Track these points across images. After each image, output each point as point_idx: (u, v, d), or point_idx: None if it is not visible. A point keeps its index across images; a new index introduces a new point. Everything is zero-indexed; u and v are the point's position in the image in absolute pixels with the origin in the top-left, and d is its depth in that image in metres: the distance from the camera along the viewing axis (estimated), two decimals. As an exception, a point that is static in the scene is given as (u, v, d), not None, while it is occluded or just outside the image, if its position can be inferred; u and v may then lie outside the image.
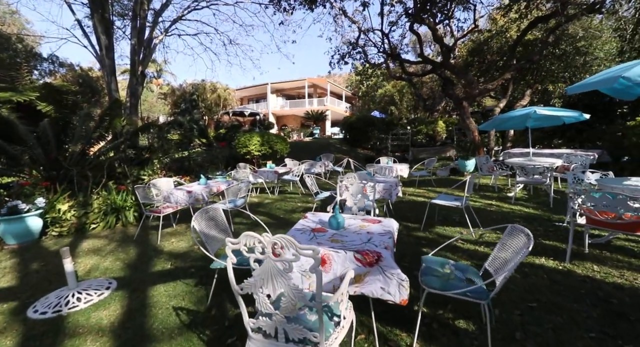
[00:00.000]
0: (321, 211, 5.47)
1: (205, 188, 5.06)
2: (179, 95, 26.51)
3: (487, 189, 7.11)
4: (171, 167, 9.10)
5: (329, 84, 29.33)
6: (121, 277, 3.25)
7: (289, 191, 8.01)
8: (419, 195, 6.87)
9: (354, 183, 3.50)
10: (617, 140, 7.47)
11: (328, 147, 15.39)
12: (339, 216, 2.40)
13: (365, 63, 13.40)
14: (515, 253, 1.90)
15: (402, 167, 7.60)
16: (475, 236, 3.93)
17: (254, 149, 9.30)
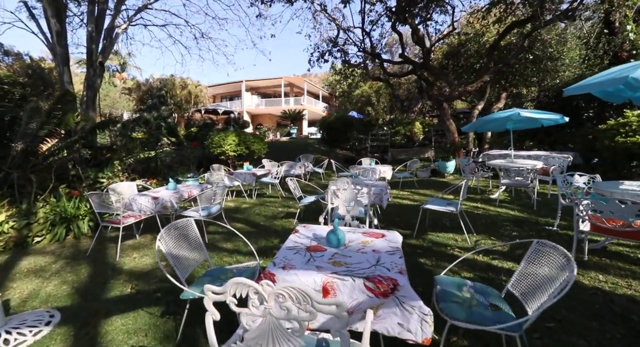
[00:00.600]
0: (305, 217, 5.08)
1: (175, 194, 4.47)
2: (145, 91, 24.84)
3: (469, 191, 7.07)
4: (135, 169, 8.26)
5: (305, 83, 28.92)
6: (67, 306, 2.65)
7: (267, 194, 7.52)
8: (404, 198, 6.68)
9: (347, 188, 3.14)
10: (588, 142, 7.77)
11: (306, 148, 14.99)
12: (339, 231, 2.02)
13: (345, 63, 13.19)
14: (551, 276, 1.63)
15: (385, 168, 7.40)
16: (470, 243, 3.73)
17: (229, 149, 8.69)
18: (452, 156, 8.66)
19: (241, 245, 3.98)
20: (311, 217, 5.12)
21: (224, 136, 8.80)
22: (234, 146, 8.81)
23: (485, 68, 8.55)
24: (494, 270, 3.00)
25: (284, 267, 1.76)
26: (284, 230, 4.57)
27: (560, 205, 4.05)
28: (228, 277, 2.17)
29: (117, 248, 3.78)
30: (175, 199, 4.29)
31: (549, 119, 5.90)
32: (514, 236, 3.94)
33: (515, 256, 3.22)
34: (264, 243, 4.03)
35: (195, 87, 27.31)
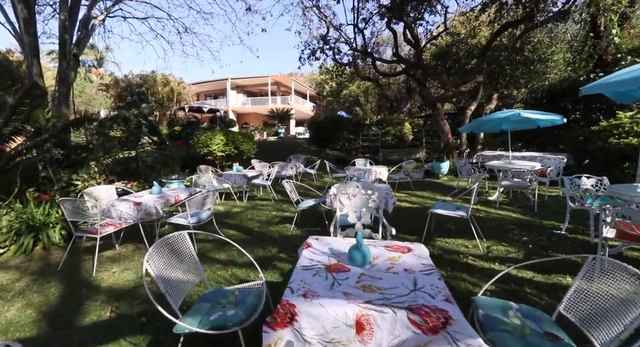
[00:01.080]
0: (302, 221, 4.73)
1: (160, 198, 4.05)
2: (124, 88, 23.70)
3: (465, 193, 6.96)
4: (114, 170, 7.67)
5: (293, 82, 28.52)
6: (31, 337, 2.22)
7: (258, 196, 7.14)
8: (402, 200, 6.46)
9: (357, 193, 2.85)
10: (579, 144, 7.85)
11: (295, 148, 14.64)
12: (364, 247, 1.72)
13: (336, 61, 12.94)
14: (621, 299, 1.40)
15: (381, 170, 7.18)
16: (482, 250, 3.53)
17: (216, 149, 8.23)
18: (445, 157, 8.56)
19: (236, 255, 3.62)
20: (308, 222, 4.81)
21: (211, 135, 8.32)
22: (222, 146, 8.35)
23: (479, 69, 8.51)
24: (516, 281, 2.79)
25: (305, 296, 1.45)
26: (282, 237, 4.24)
27: (569, 208, 3.93)
28: (230, 302, 1.84)
29: (94, 261, 3.33)
30: (160, 205, 3.87)
31: (547, 119, 5.84)
32: (525, 241, 3.77)
33: (536, 266, 3.02)
34: (261, 252, 3.68)
35: (178, 84, 26.32)
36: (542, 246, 3.57)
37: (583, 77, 10.16)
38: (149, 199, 3.98)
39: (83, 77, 32.58)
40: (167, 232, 4.40)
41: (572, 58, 10.55)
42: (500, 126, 6.90)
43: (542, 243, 3.66)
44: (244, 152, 8.71)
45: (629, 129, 6.08)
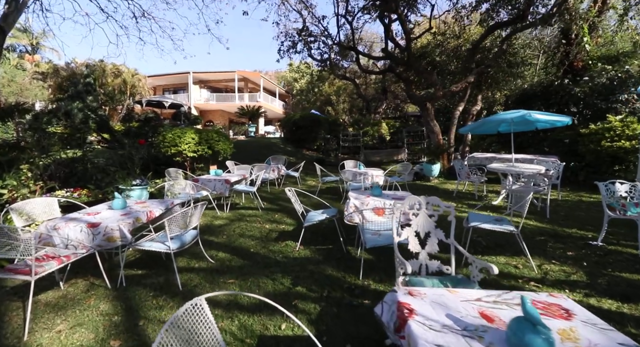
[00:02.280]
0: (310, 238, 3.85)
1: (125, 216, 2.99)
2: (66, 77, 20.67)
3: (465, 196, 6.65)
4: (55, 174, 6.19)
5: (262, 79, 27.22)
6: None
7: (240, 204, 6.16)
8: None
9: (420, 213, 2.15)
10: (561, 146, 7.99)
11: (271, 148, 13.63)
12: (547, 331, 1.01)
13: (312, 57, 12.21)
14: None
15: (377, 173, 6.60)
16: (536, 271, 3.03)
17: (187, 149, 7.04)
18: (436, 159, 8.26)
19: (235, 288, 2.72)
20: (314, 236, 4.01)
21: (180, 133, 7.11)
22: (194, 145, 7.18)
23: (468, 69, 8.35)
24: (603, 315, 2.28)
25: None
26: (288, 260, 3.40)
27: (607, 217, 3.61)
28: None
29: (26, 313, 2.24)
30: (127, 226, 2.82)
31: (551, 121, 5.68)
32: (572, 257, 3.36)
33: (613, 292, 2.56)
34: (270, 286, 2.82)
35: (132, 75, 23.64)
36: (596, 262, 3.17)
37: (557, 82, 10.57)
38: (110, 218, 2.91)
39: (14, 65, 28.15)
40: (134, 259, 3.34)
41: (544, 63, 10.92)
42: (498, 127, 6.68)
43: (592, 259, 3.27)
44: (220, 153, 7.61)
45: (620, 132, 6.15)
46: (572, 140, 7.54)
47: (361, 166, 6.92)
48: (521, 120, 5.92)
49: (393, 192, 3.93)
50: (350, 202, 3.29)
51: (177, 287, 2.76)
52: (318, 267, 3.14)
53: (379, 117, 18.16)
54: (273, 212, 5.44)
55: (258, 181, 5.77)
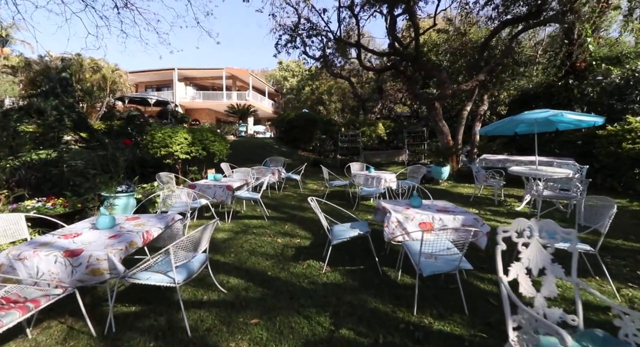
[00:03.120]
0: (336, 256, 3.21)
1: (115, 238, 2.32)
2: (39, 72, 19.18)
3: (482, 201, 6.24)
4: (24, 180, 5.36)
5: (251, 77, 26.35)
6: None
7: (242, 212, 5.51)
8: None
9: (532, 242, 1.62)
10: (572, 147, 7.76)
11: (265, 149, 12.94)
12: None
13: (306, 54, 11.62)
14: None
15: (390, 176, 6.11)
16: (618, 298, 2.58)
17: (179, 150, 6.31)
18: (446, 161, 7.86)
19: (262, 334, 2.12)
20: (342, 256, 3.44)
21: (171, 132, 6.37)
22: (186, 146, 6.45)
23: (477, 67, 8.01)
24: None
25: None
26: (317, 286, 2.81)
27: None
28: None
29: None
30: (118, 253, 2.16)
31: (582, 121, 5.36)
32: (641, 276, 2.95)
33: None
34: (306, 328, 2.22)
35: (112, 71, 22.29)
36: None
37: (561, 83, 10.43)
38: (95, 242, 2.25)
39: (-22, 57, 26.13)
40: (124, 289, 2.66)
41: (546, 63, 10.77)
42: (516, 128, 6.33)
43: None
44: (216, 155, 6.91)
45: (642, 134, 5.91)
46: (585, 142, 7.31)
47: (371, 170, 6.40)
48: (544, 121, 5.57)
49: (431, 202, 3.41)
50: (391, 217, 2.74)
51: (184, 332, 2.14)
52: (357, 298, 2.58)
53: (374, 117, 17.78)
54: (281, 223, 4.83)
55: (263, 186, 5.14)
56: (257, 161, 10.73)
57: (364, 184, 5.94)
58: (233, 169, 7.16)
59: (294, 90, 29.22)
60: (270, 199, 6.63)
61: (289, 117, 13.89)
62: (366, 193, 5.67)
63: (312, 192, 7.54)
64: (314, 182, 8.87)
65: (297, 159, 12.61)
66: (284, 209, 5.75)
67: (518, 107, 11.96)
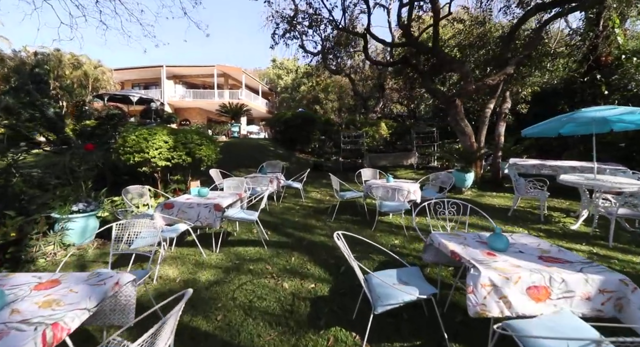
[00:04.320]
0: (376, 322, 2.18)
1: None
2: (13, 68, 17.67)
3: (524, 217, 5.21)
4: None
5: (244, 75, 25.11)
6: None
7: (234, 235, 4.39)
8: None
9: None
10: (617, 150, 6.85)
11: (260, 151, 11.79)
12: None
13: (304, 49, 10.55)
14: None
15: (413, 187, 5.05)
16: None
17: (157, 156, 5.16)
18: (469, 166, 6.86)
19: None
20: (388, 326, 2.33)
21: (147, 134, 5.21)
22: (166, 151, 5.30)
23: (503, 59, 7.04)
24: None
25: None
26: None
27: None
28: None
29: None
30: None
31: None
32: None
33: None
34: None
35: (95, 67, 20.93)
36: None
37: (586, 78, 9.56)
38: None
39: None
40: None
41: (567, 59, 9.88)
42: (561, 129, 5.34)
43: None
44: (204, 161, 5.76)
45: None
46: (628, 144, 6.40)
47: (390, 178, 5.33)
48: (601, 120, 4.59)
49: (511, 239, 2.32)
50: (480, 278, 1.66)
51: None
52: None
53: (375, 117, 16.78)
54: (286, 252, 3.72)
55: (262, 202, 4.03)
56: (251, 165, 9.60)
57: (384, 197, 4.86)
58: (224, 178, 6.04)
59: (289, 89, 28.09)
60: (268, 214, 5.53)
61: (285, 117, 12.77)
62: (388, 210, 4.60)
63: (317, 203, 6.46)
64: (317, 190, 7.79)
65: (295, 162, 11.50)
66: (287, 229, 4.65)
67: (534, 105, 11.10)
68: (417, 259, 3.47)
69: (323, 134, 13.88)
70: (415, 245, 3.91)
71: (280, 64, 29.37)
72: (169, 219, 3.63)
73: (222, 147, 12.03)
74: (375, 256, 3.50)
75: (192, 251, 3.71)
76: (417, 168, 10.59)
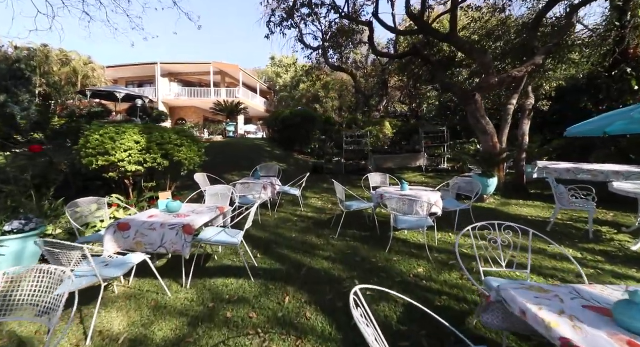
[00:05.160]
0: None
1: None
2: (-4, 63, 16.70)
3: (569, 233, 4.31)
4: None
5: (241, 73, 24.21)
6: None
7: (216, 258, 3.51)
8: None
9: None
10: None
11: (256, 151, 10.90)
12: None
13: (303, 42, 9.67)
14: None
15: (434, 197, 4.18)
16: None
17: (126, 159, 4.29)
18: (491, 170, 5.98)
19: None
20: None
21: (114, 133, 4.33)
22: (137, 154, 4.41)
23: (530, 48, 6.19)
24: None
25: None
26: None
27: None
28: None
29: None
30: None
31: None
32: None
33: None
34: None
35: (85, 64, 19.98)
36: None
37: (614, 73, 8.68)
38: None
39: None
40: None
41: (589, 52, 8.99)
42: (608, 127, 4.47)
43: None
44: (183, 165, 4.87)
45: None
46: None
47: (405, 186, 4.45)
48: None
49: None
50: None
51: None
52: None
53: (379, 116, 15.91)
54: (279, 287, 2.84)
55: (249, 220, 3.14)
56: (247, 167, 8.69)
57: (399, 209, 3.96)
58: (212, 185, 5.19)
59: (288, 87, 27.23)
60: (260, 228, 4.65)
61: (283, 115, 11.88)
62: (407, 227, 3.72)
63: (318, 213, 5.59)
64: (317, 196, 6.92)
65: (293, 164, 10.63)
66: (281, 250, 3.77)
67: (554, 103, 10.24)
68: (452, 299, 2.59)
69: (323, 134, 13.02)
70: (445, 275, 3.03)
71: (279, 61, 28.51)
72: (125, 244, 2.75)
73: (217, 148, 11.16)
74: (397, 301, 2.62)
75: (155, 286, 2.83)
76: (425, 171, 9.72)
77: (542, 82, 7.92)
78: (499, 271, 2.34)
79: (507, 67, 7.77)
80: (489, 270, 2.34)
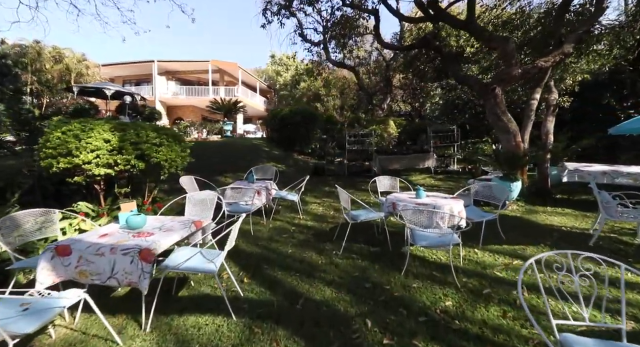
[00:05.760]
0: None
1: None
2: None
3: (617, 249, 3.63)
4: None
5: (240, 71, 23.57)
6: None
7: (191, 286, 2.84)
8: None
9: None
10: None
11: (253, 152, 10.24)
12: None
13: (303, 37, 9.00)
14: None
15: (457, 206, 3.52)
16: None
17: (93, 160, 3.64)
18: (515, 174, 5.30)
19: None
20: None
21: (80, 130, 3.68)
22: (107, 154, 3.76)
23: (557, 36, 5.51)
24: None
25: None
26: None
27: None
28: None
29: None
30: None
31: None
32: None
33: None
34: None
35: (79, 61, 19.38)
36: None
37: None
38: None
39: None
40: None
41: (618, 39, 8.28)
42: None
43: None
44: (164, 168, 4.21)
45: None
46: None
47: (421, 192, 3.78)
48: None
49: None
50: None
51: None
52: None
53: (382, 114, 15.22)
54: (267, 330, 2.17)
55: (231, 238, 2.47)
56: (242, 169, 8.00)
57: (417, 222, 3.27)
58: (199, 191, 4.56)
59: (288, 86, 26.59)
60: (250, 241, 3.99)
61: (282, 113, 11.22)
62: (427, 245, 3.05)
63: (319, 222, 4.92)
64: (318, 201, 6.25)
65: (292, 165, 9.96)
66: (273, 273, 3.09)
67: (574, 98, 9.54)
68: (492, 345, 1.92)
69: (325, 133, 12.36)
70: (481, 310, 2.36)
71: (279, 60, 27.88)
72: (65, 274, 2.09)
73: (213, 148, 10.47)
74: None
75: (105, 328, 2.16)
76: (434, 172, 9.04)
77: (566, 75, 7.22)
78: (579, 325, 1.66)
79: (525, 60, 7.07)
80: (564, 324, 1.66)
